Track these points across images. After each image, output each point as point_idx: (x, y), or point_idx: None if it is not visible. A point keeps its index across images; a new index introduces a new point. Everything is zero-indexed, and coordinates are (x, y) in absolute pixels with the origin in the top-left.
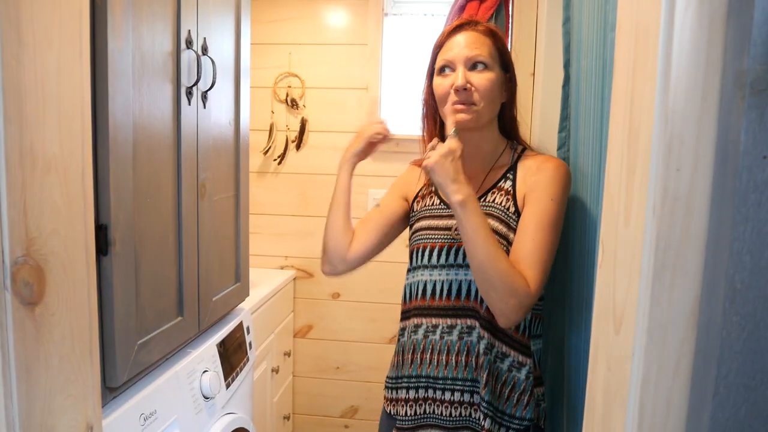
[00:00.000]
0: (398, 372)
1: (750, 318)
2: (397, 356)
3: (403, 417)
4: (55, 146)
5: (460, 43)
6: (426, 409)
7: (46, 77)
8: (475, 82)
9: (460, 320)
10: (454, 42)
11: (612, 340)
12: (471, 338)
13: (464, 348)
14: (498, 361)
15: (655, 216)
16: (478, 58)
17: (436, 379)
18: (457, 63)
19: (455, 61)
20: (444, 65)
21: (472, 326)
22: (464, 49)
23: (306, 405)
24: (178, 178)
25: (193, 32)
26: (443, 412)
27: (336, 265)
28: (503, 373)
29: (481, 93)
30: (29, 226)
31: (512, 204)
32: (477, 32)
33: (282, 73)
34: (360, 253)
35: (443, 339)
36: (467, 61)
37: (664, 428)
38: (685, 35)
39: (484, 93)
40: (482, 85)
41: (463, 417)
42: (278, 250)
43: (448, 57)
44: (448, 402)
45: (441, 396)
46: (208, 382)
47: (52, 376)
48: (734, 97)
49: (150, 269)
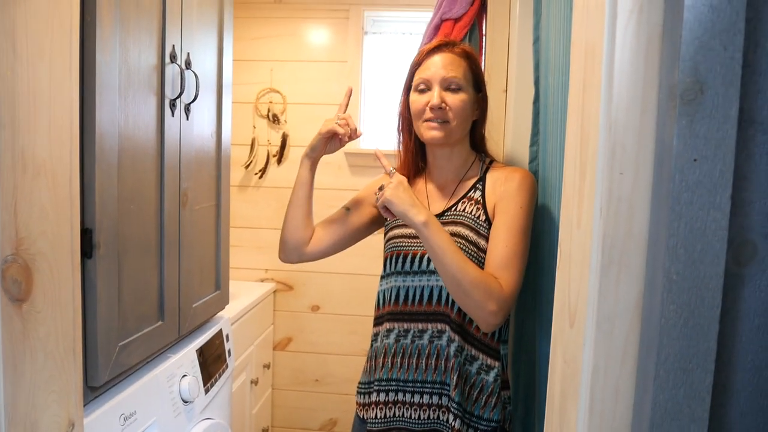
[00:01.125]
0: (370, 377)
1: (685, 306)
2: (369, 362)
3: (374, 420)
4: (44, 152)
5: (437, 63)
6: (396, 412)
7: (38, 87)
8: (449, 102)
9: (431, 324)
10: (432, 62)
11: (567, 334)
12: (441, 342)
13: (434, 351)
14: (467, 363)
15: (601, 217)
16: (453, 80)
17: (406, 382)
18: (434, 83)
19: (432, 81)
20: (421, 83)
21: (443, 330)
22: (440, 70)
23: (285, 418)
24: (160, 186)
25: (177, 47)
26: (412, 415)
27: (290, 257)
28: (472, 375)
29: (454, 112)
30: (19, 227)
31: (482, 212)
32: (453, 54)
33: (264, 89)
34: (317, 250)
35: (414, 343)
36: (443, 81)
37: (613, 414)
38: (625, 53)
39: (456, 112)
40: (456, 105)
41: (431, 420)
42: (259, 263)
43: (425, 76)
44: (417, 405)
45: (411, 399)
46: (188, 386)
47: (36, 372)
48: (668, 107)
49: (132, 274)
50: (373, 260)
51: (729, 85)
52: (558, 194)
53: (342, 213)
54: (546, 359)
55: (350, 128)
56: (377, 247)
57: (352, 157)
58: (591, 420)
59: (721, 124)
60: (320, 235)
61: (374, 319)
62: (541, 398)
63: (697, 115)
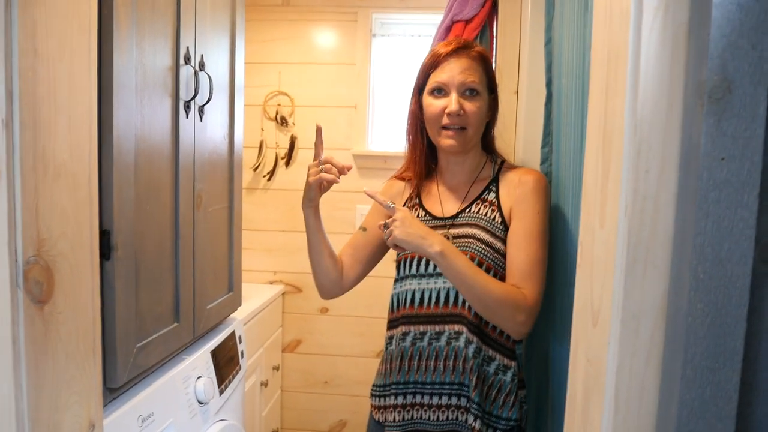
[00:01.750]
0: (386, 380)
1: (712, 305)
2: (384, 365)
3: (392, 423)
4: (64, 153)
5: (454, 68)
6: (414, 415)
7: (59, 87)
8: (467, 109)
9: (447, 326)
10: (449, 65)
11: (590, 333)
12: (458, 343)
13: (452, 353)
14: (485, 364)
15: (626, 215)
16: (471, 84)
17: (424, 384)
18: (451, 88)
19: (449, 85)
20: (436, 87)
21: (460, 332)
22: (458, 75)
23: (294, 419)
24: (175, 188)
25: (191, 49)
26: (431, 416)
27: (331, 295)
28: (490, 375)
29: (472, 119)
30: (40, 228)
31: (498, 215)
32: (470, 58)
33: (272, 91)
34: (352, 278)
35: (431, 345)
36: (460, 86)
37: (638, 413)
38: (651, 52)
39: (474, 119)
40: (473, 112)
41: (450, 420)
42: (267, 266)
43: (441, 80)
44: (435, 406)
45: (429, 401)
46: (203, 388)
47: (58, 373)
48: (695, 106)
49: (148, 275)
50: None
51: (757, 84)
52: (572, 195)
53: (360, 234)
54: (559, 359)
55: (337, 168)
56: None
57: (360, 159)
58: (616, 419)
59: (749, 123)
60: (350, 263)
61: (388, 322)
62: (554, 398)
63: (725, 113)
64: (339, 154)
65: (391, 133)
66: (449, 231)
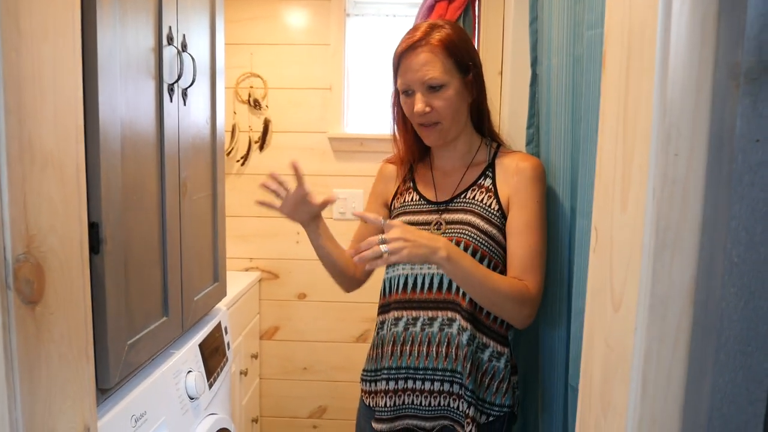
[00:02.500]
0: (377, 365)
1: (746, 289)
2: (375, 349)
3: (382, 408)
4: (51, 141)
5: (412, 66)
6: (405, 400)
7: (43, 69)
8: (435, 105)
9: (440, 312)
10: (407, 65)
11: (611, 318)
12: (451, 330)
13: (444, 339)
14: (479, 351)
15: (654, 199)
16: (432, 81)
17: (416, 369)
18: (414, 87)
19: (412, 86)
20: (404, 89)
21: (453, 318)
22: (417, 74)
23: (273, 407)
24: (161, 176)
25: (173, 28)
26: (422, 402)
27: (352, 290)
28: (484, 362)
29: (442, 113)
30: (29, 223)
31: (495, 202)
32: (426, 51)
33: (244, 73)
34: (364, 271)
35: (424, 331)
36: (421, 85)
37: (665, 398)
38: (681, 33)
39: (444, 112)
40: (441, 106)
41: (442, 406)
42: (242, 252)
43: (405, 80)
44: (427, 392)
45: (421, 386)
46: (194, 383)
47: (52, 377)
48: (729, 87)
49: (137, 268)
50: None
51: None
52: (563, 176)
53: (363, 227)
54: (550, 345)
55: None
56: None
57: (336, 141)
58: (643, 403)
59: None
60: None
61: (380, 306)
62: (545, 382)
63: (761, 94)
64: (314, 137)
65: (368, 115)
66: (443, 216)
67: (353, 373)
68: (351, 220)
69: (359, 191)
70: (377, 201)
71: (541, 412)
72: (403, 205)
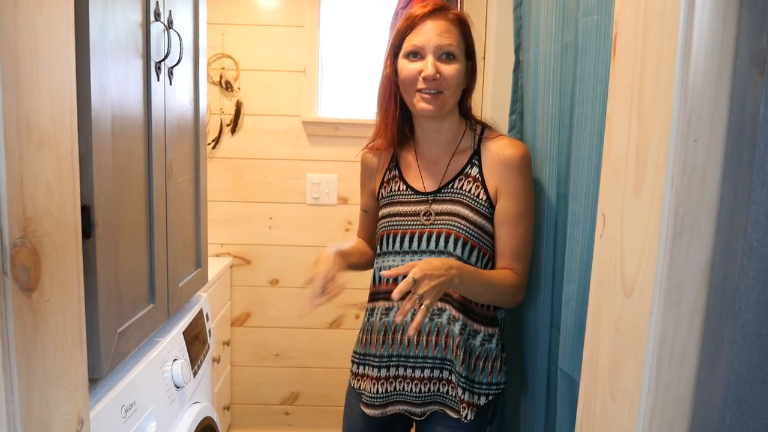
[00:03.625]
0: (366, 350)
1: (765, 272)
2: (365, 334)
3: (372, 395)
4: (47, 118)
5: (431, 30)
6: (396, 387)
7: (39, 41)
8: (444, 72)
9: None
10: (425, 28)
11: (621, 304)
12: (441, 320)
13: (434, 329)
14: (471, 338)
15: (673, 185)
16: (448, 48)
17: (407, 357)
18: (427, 50)
19: (425, 48)
20: (412, 50)
21: (443, 309)
22: (435, 38)
23: (245, 394)
24: (148, 158)
25: (160, 4)
26: (413, 388)
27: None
28: (476, 348)
29: (448, 83)
30: (26, 205)
31: (483, 192)
32: (447, 20)
33: (215, 54)
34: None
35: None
36: (437, 49)
37: (678, 381)
38: (704, 20)
39: (450, 83)
40: (450, 76)
41: (432, 392)
42: (213, 237)
43: (417, 43)
44: (418, 379)
45: (411, 373)
46: (180, 371)
47: (48, 367)
48: (751, 74)
49: (126, 253)
50: (332, 231)
51: None
52: (549, 161)
53: (364, 216)
54: (534, 325)
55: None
56: (335, 219)
57: (310, 126)
58: (657, 387)
59: None
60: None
61: (370, 294)
62: (527, 361)
63: None
64: (287, 120)
65: (342, 98)
66: (431, 207)
67: (326, 358)
68: (324, 205)
69: (333, 176)
70: (366, 192)
71: (523, 381)
72: (390, 195)
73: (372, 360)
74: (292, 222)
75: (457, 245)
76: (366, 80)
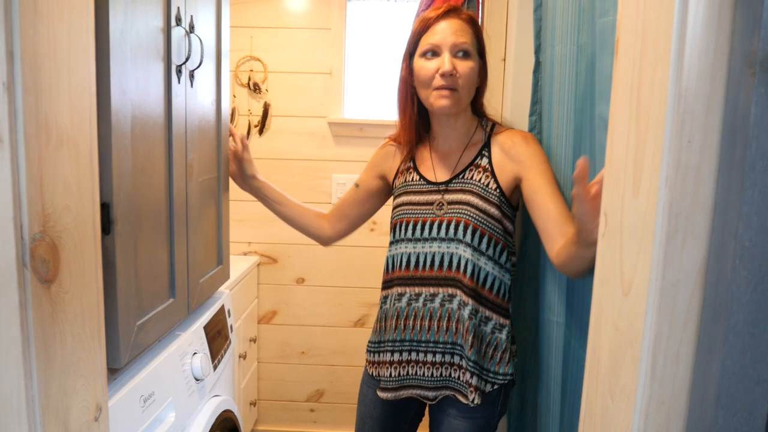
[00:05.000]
0: (381, 337)
1: (756, 272)
2: (379, 323)
3: (387, 378)
4: (66, 120)
5: (446, 29)
6: (409, 371)
7: (59, 48)
8: (459, 69)
9: (442, 289)
10: (440, 27)
11: (620, 302)
12: (452, 305)
13: (445, 314)
14: (482, 324)
15: (668, 185)
16: (463, 46)
17: (419, 342)
18: (444, 48)
19: (441, 46)
20: (429, 49)
21: (453, 294)
22: (451, 36)
23: (271, 390)
24: (169, 157)
25: (182, 9)
26: (425, 372)
27: (321, 244)
28: (487, 335)
29: (464, 79)
30: (45, 202)
31: (492, 180)
32: (461, 20)
33: (244, 56)
34: (340, 231)
35: (426, 306)
36: (453, 47)
37: (674, 379)
38: (698, 21)
39: (466, 79)
40: (465, 73)
41: (444, 377)
42: (241, 236)
43: (433, 41)
44: (430, 363)
45: (423, 358)
46: (199, 364)
47: (66, 356)
48: (744, 75)
49: (146, 249)
50: (359, 232)
51: None
52: (564, 162)
53: (353, 191)
54: (548, 326)
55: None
56: None
57: (335, 126)
58: (652, 385)
59: None
60: (338, 217)
61: (383, 282)
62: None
63: None
64: (314, 122)
65: (367, 100)
66: (444, 197)
67: (351, 357)
68: None
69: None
70: (372, 171)
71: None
72: (404, 185)
73: (387, 345)
74: None
75: (467, 232)
76: (390, 81)
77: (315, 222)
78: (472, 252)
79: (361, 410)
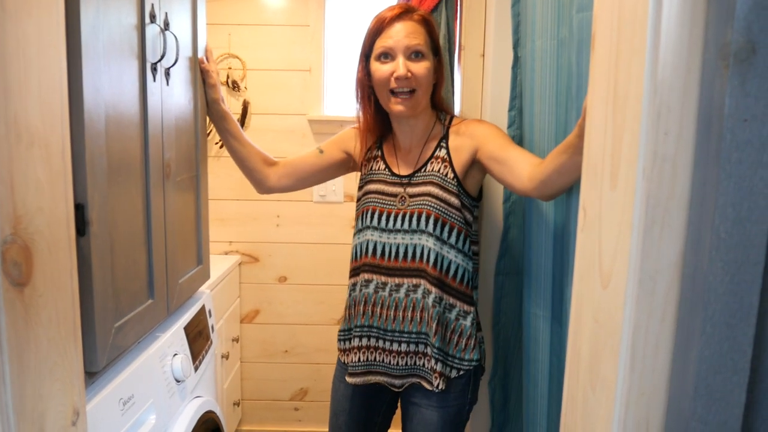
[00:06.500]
0: (350, 324)
1: (732, 263)
2: (348, 310)
3: (355, 363)
4: (37, 119)
5: (399, 32)
6: (377, 357)
7: (28, 46)
8: (414, 71)
9: (406, 279)
10: (394, 30)
11: (599, 295)
12: (416, 295)
13: (410, 304)
14: (446, 311)
15: (644, 177)
16: (417, 47)
17: (386, 331)
18: (398, 52)
19: (395, 50)
20: (383, 52)
21: (418, 284)
22: (404, 39)
23: (254, 390)
24: (145, 156)
25: (156, 6)
26: (392, 361)
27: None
28: (451, 322)
29: (419, 81)
30: (16, 204)
31: (450, 170)
32: (413, 21)
33: (222, 54)
34: (282, 186)
35: (392, 296)
36: (406, 50)
37: (653, 370)
38: (672, 14)
39: (421, 81)
40: (420, 74)
41: (409, 366)
42: (222, 236)
43: (387, 45)
44: (396, 352)
45: (390, 347)
46: (180, 366)
47: (41, 361)
48: (718, 67)
49: (122, 250)
50: (339, 228)
51: None
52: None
53: (314, 154)
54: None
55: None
56: (342, 216)
57: (315, 124)
58: (632, 377)
59: None
60: (286, 173)
61: (351, 270)
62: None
63: (749, 75)
64: (294, 119)
65: (347, 97)
66: (406, 190)
67: (334, 355)
68: (331, 202)
69: None
70: (339, 143)
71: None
72: (370, 173)
73: (355, 331)
74: (300, 219)
75: (429, 223)
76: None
77: (262, 168)
78: (434, 241)
79: (333, 405)
